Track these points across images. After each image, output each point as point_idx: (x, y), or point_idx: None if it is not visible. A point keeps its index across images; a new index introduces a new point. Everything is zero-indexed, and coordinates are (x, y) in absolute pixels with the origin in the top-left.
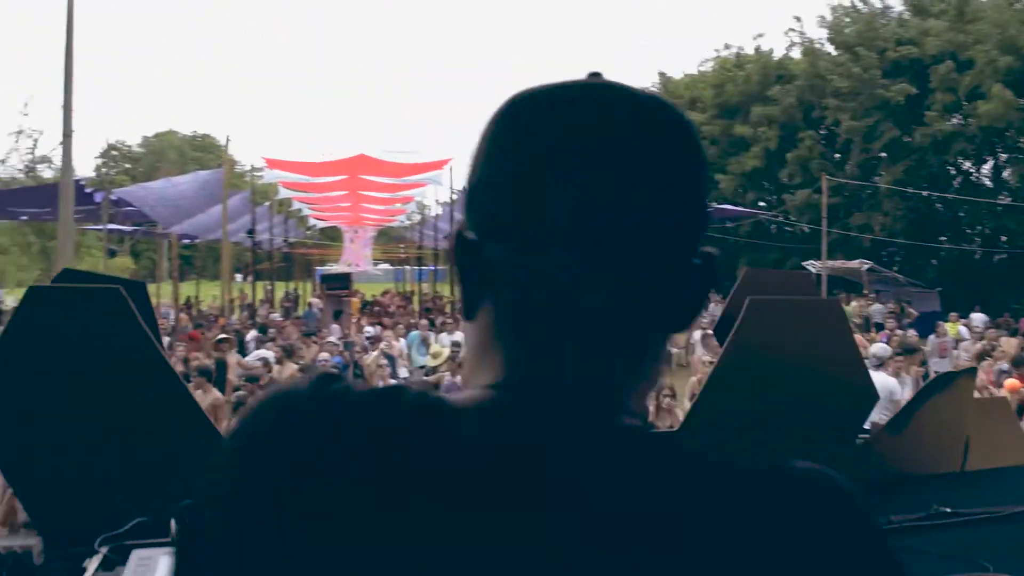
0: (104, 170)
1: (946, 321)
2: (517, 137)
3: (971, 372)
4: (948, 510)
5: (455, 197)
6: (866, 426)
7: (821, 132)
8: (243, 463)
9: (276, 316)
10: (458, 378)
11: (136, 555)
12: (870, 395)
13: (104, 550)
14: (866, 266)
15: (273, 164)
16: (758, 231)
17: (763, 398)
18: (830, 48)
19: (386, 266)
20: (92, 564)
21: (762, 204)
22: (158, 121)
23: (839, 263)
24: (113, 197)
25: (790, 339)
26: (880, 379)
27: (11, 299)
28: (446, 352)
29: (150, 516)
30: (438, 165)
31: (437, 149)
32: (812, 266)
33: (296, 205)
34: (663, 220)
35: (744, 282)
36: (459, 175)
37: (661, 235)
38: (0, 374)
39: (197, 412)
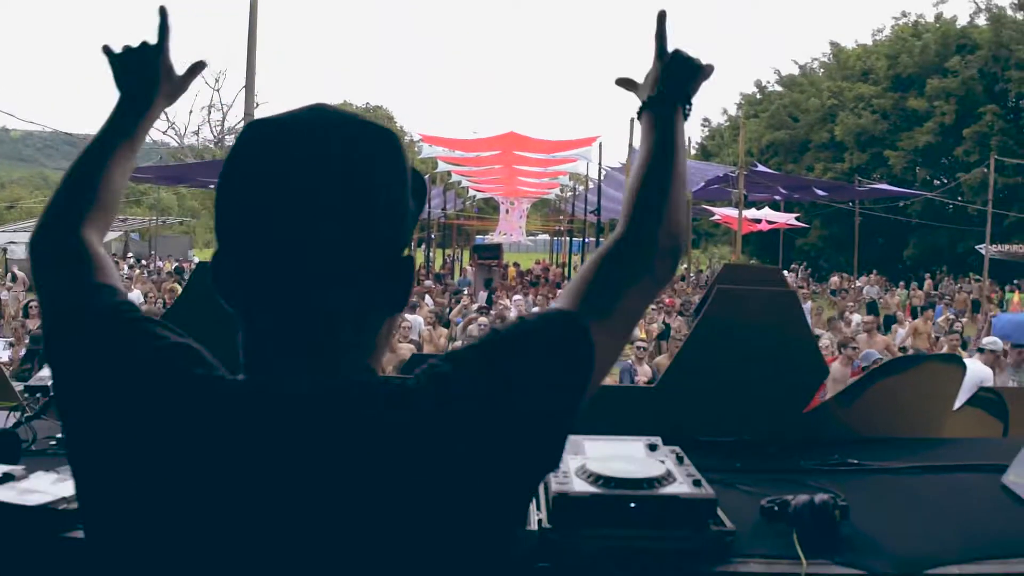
0: None
1: None
2: (232, 167)
3: (926, 358)
4: (855, 461)
5: (604, 172)
6: None
7: (1004, 107)
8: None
9: (428, 283)
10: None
11: None
12: (819, 371)
13: None
14: None
15: (429, 140)
16: (931, 212)
17: (725, 370)
18: (1017, 15)
19: (544, 237)
20: None
21: (936, 183)
22: (333, 94)
23: (1018, 247)
24: None
25: (750, 322)
26: (974, 367)
27: (197, 257)
28: None
29: None
30: (587, 142)
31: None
32: (984, 250)
33: (455, 177)
34: (351, 231)
35: (722, 274)
36: (608, 151)
37: (349, 243)
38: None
39: None
